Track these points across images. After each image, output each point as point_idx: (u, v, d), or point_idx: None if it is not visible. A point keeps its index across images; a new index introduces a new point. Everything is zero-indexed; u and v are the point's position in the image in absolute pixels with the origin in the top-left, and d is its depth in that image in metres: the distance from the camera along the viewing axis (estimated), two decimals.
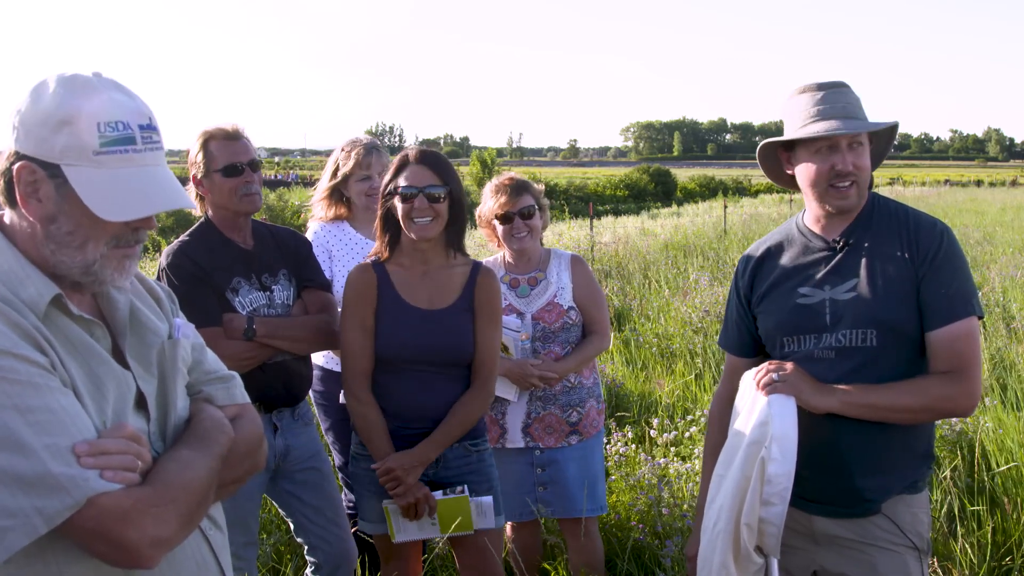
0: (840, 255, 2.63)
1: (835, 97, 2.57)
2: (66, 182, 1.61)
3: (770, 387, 2.49)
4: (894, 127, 2.63)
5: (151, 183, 1.68)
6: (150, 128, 1.68)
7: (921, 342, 2.54)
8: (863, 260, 2.58)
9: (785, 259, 2.76)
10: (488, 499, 3.24)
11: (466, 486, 3.21)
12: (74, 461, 1.47)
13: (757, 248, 2.88)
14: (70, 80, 1.63)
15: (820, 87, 2.60)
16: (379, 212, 3.25)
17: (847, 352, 2.56)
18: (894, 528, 2.55)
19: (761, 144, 2.75)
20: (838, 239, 2.64)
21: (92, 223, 1.64)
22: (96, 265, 1.67)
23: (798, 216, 2.81)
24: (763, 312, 2.78)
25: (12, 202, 1.66)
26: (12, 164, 1.63)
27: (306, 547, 3.59)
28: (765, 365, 2.57)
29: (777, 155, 2.74)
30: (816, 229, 2.71)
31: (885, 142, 2.69)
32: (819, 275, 2.65)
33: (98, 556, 1.52)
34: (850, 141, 2.54)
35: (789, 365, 2.53)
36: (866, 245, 2.60)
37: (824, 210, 2.64)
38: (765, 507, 2.40)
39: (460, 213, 3.24)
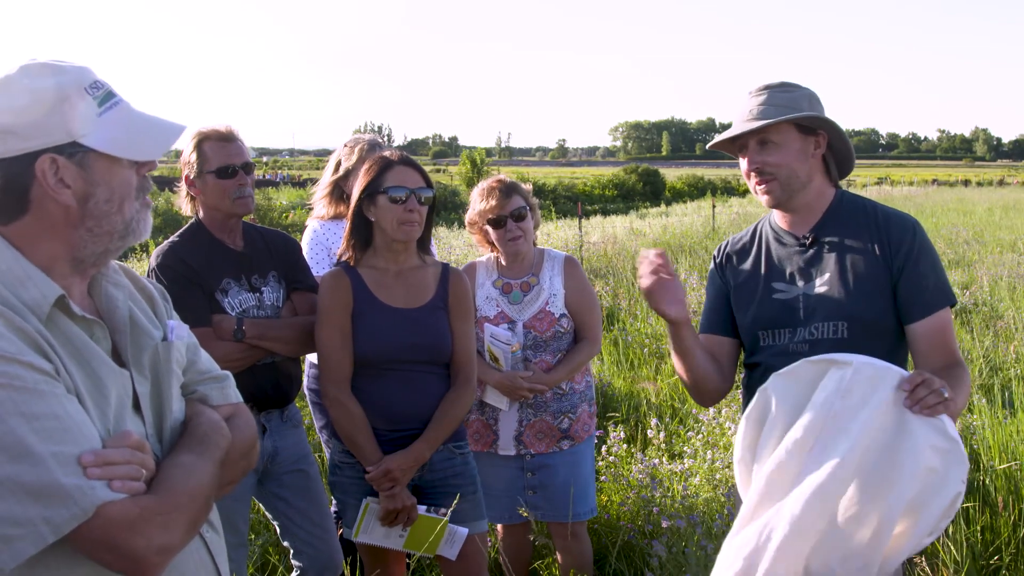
0: (811, 251, 2.69)
1: (758, 99, 2.63)
2: (86, 155, 1.64)
3: (942, 406, 2.20)
4: (813, 117, 2.61)
5: (151, 122, 1.76)
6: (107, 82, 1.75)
7: (896, 333, 2.60)
8: (834, 255, 2.65)
9: (758, 256, 2.81)
10: (464, 530, 3.26)
11: (449, 510, 3.22)
12: (81, 470, 1.47)
13: (728, 246, 2.94)
14: (31, 69, 1.64)
15: (755, 90, 2.68)
16: (351, 213, 3.25)
17: (820, 345, 2.59)
18: None
19: (708, 147, 2.86)
20: (807, 235, 2.71)
21: (121, 182, 1.70)
22: (134, 221, 1.73)
23: (769, 214, 2.87)
24: (739, 307, 2.83)
25: (18, 211, 1.63)
26: (19, 170, 1.60)
27: (291, 551, 3.57)
28: (917, 386, 2.23)
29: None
30: (785, 226, 2.77)
31: (836, 136, 2.69)
32: (793, 271, 2.71)
33: (104, 564, 1.52)
34: (759, 140, 2.62)
35: (945, 382, 2.25)
36: (835, 240, 2.67)
37: (764, 205, 2.72)
38: (928, 537, 2.20)
39: (432, 215, 3.31)
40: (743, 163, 2.69)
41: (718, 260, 2.95)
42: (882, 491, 2.16)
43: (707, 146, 2.90)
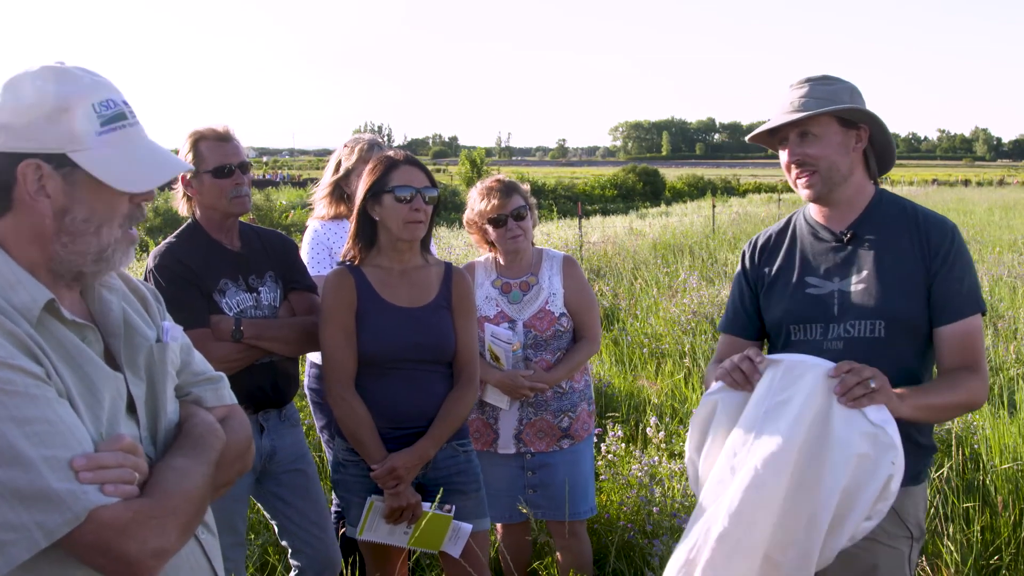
0: (849, 247, 2.67)
1: (800, 92, 2.63)
2: (75, 169, 1.60)
3: (867, 398, 2.31)
4: (855, 110, 2.60)
5: (153, 152, 1.72)
6: (128, 103, 1.71)
7: (927, 336, 2.59)
8: (872, 253, 2.63)
9: (792, 249, 2.80)
10: (468, 527, 3.26)
11: (454, 507, 3.22)
12: (73, 474, 1.45)
13: (762, 236, 2.93)
14: (45, 71, 1.62)
15: (796, 83, 2.67)
16: (356, 212, 3.25)
17: (855, 343, 2.59)
18: (896, 518, 2.56)
19: (746, 140, 2.86)
20: (845, 231, 2.68)
21: (106, 205, 1.65)
22: (110, 249, 1.68)
23: (804, 208, 2.85)
24: (770, 300, 2.81)
25: (3, 208, 1.63)
26: (9, 166, 1.59)
27: (290, 550, 3.56)
28: (844, 374, 2.37)
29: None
30: (822, 220, 2.75)
31: (878, 130, 2.69)
32: (828, 266, 2.69)
33: (97, 569, 1.51)
34: (799, 131, 2.61)
35: (876, 371, 2.36)
36: (874, 238, 2.65)
37: (804, 199, 2.71)
38: (867, 521, 2.30)
39: (435, 215, 3.32)
40: (783, 155, 2.68)
41: (748, 253, 2.93)
42: (814, 481, 2.25)
43: (746, 138, 2.88)
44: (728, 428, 2.48)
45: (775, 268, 2.81)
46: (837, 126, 2.60)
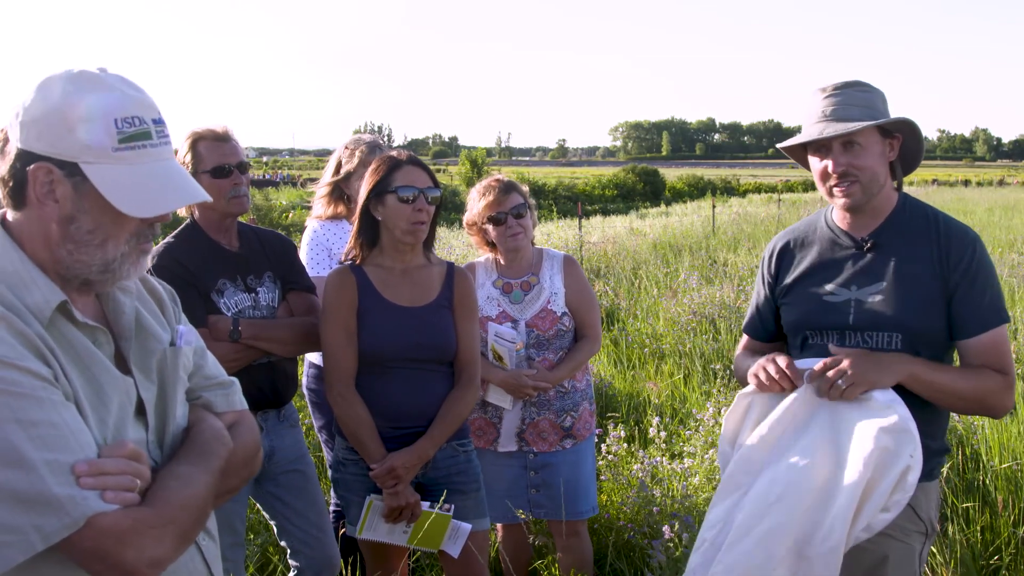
0: (869, 255, 2.65)
1: (836, 99, 2.59)
2: (85, 180, 1.59)
3: (848, 391, 2.41)
4: (902, 121, 2.60)
5: (169, 177, 1.68)
6: (161, 122, 1.67)
7: (944, 346, 2.59)
8: (891, 263, 2.61)
9: (812, 253, 2.78)
10: (467, 526, 3.26)
11: (453, 506, 3.23)
12: (74, 479, 1.45)
13: (783, 239, 2.91)
14: (79, 76, 1.61)
15: (827, 89, 2.63)
16: (359, 212, 3.24)
17: None
18: (911, 514, 2.56)
19: (779, 147, 2.84)
20: (867, 239, 2.66)
21: (113, 221, 1.63)
22: (116, 263, 1.66)
23: (826, 210, 2.83)
24: (787, 304, 2.81)
25: (19, 203, 1.63)
26: (24, 165, 1.59)
27: (288, 551, 3.56)
28: (818, 375, 2.49)
29: (802, 154, 2.77)
30: (843, 226, 2.73)
31: (913, 139, 2.67)
32: (847, 274, 2.68)
33: (94, 574, 1.50)
34: (843, 141, 2.56)
35: (845, 362, 2.46)
36: (894, 247, 2.63)
37: (839, 208, 2.69)
38: (884, 513, 2.35)
39: (438, 215, 3.32)
40: (818, 163, 2.63)
41: (768, 256, 2.92)
42: (838, 476, 2.34)
43: (778, 146, 2.84)
44: (758, 425, 2.58)
45: (794, 271, 2.80)
46: (878, 136, 2.59)
